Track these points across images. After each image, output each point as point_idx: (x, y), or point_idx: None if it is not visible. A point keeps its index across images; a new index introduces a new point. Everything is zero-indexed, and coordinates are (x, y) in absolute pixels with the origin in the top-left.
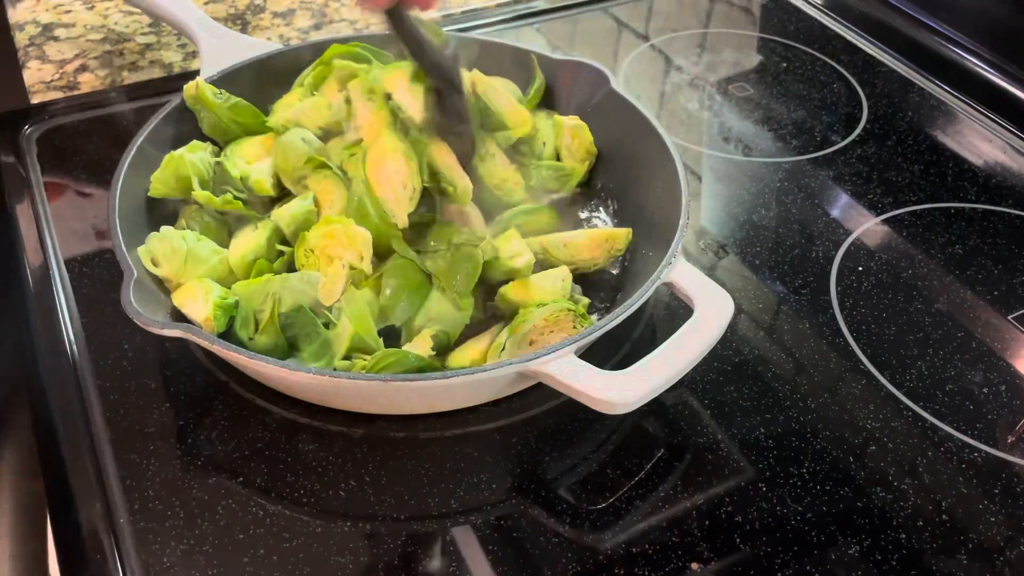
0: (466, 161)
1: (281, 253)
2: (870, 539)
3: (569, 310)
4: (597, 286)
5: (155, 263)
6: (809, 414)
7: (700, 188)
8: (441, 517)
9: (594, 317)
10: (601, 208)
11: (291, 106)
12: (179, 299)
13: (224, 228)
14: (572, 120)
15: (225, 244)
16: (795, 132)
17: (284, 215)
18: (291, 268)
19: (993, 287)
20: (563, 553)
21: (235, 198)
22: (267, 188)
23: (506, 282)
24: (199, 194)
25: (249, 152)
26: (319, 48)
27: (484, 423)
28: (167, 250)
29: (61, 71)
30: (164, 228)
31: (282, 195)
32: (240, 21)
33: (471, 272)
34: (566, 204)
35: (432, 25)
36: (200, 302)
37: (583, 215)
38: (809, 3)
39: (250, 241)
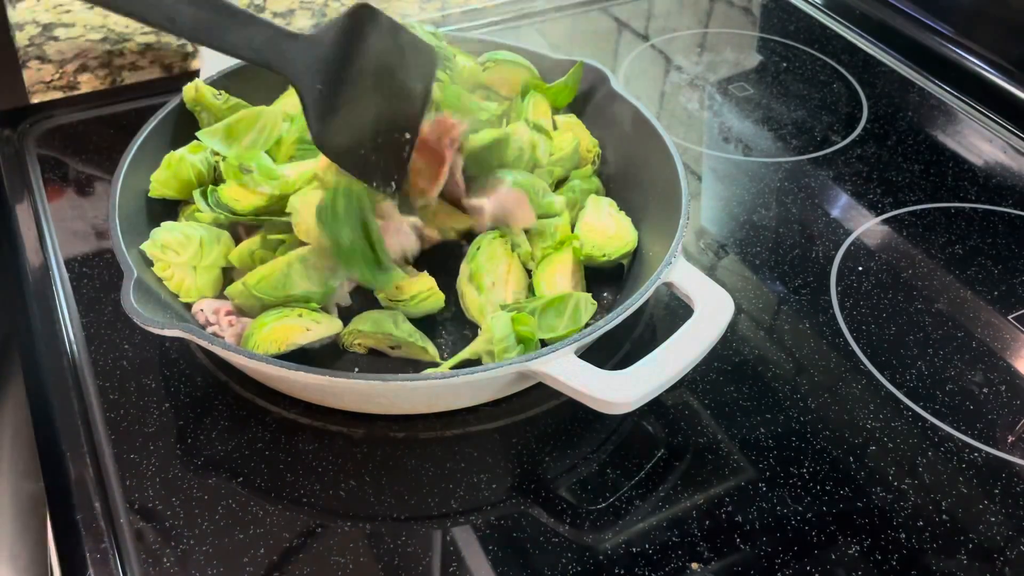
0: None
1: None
2: (870, 539)
3: None
4: (598, 285)
5: (164, 252)
6: (809, 414)
7: (700, 188)
8: (441, 517)
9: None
10: None
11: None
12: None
13: (224, 228)
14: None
15: None
16: (795, 132)
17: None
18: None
19: (993, 287)
20: (563, 553)
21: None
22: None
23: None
24: (203, 216)
25: None
26: None
27: (484, 423)
28: (180, 239)
29: (61, 71)
30: (166, 223)
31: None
32: None
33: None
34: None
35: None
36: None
37: None
38: (809, 3)
39: (251, 239)
